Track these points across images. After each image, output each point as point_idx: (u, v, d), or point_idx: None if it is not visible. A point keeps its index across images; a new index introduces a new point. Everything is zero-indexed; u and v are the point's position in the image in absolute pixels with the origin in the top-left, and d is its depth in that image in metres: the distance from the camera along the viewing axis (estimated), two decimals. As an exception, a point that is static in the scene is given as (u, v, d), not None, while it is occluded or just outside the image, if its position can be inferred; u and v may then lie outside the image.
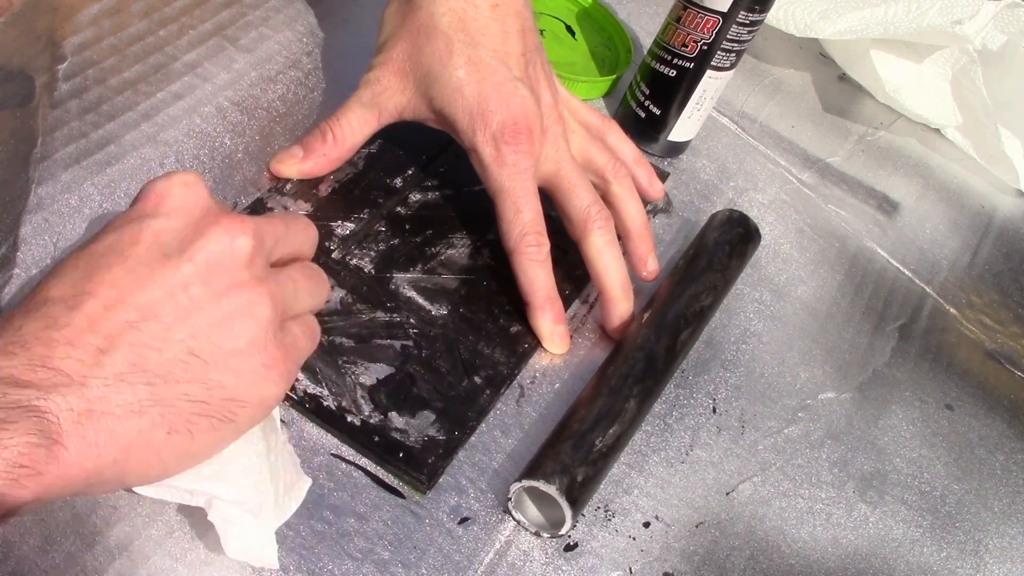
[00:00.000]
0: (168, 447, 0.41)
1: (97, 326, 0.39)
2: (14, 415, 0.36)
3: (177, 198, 0.44)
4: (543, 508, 0.53)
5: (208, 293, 0.42)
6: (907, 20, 0.85)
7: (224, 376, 0.42)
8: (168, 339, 0.41)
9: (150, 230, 0.42)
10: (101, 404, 0.38)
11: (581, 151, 0.65)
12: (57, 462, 0.37)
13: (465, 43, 0.59)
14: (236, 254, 0.43)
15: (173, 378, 0.40)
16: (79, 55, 0.64)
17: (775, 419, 0.65)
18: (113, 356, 0.39)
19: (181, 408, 0.41)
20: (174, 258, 0.42)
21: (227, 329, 0.42)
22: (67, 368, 0.38)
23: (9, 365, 0.37)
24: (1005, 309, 0.82)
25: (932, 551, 0.62)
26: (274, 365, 0.44)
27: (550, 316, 0.60)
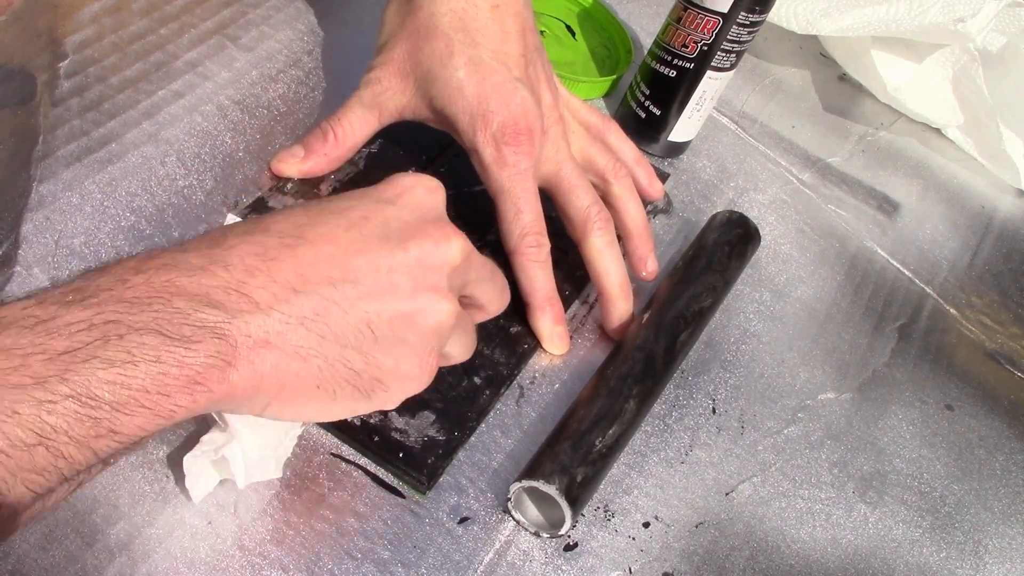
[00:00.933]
0: (312, 398, 0.44)
1: (301, 269, 0.42)
2: (200, 334, 0.38)
3: (417, 196, 0.48)
4: (543, 508, 0.53)
5: (408, 285, 0.45)
6: (909, 18, 0.85)
7: (384, 359, 0.45)
8: (356, 306, 0.43)
9: (383, 214, 0.46)
10: (277, 338, 0.41)
11: (581, 151, 0.65)
12: (226, 383, 0.39)
13: (465, 43, 0.59)
14: (444, 261, 0.46)
15: (343, 341, 0.43)
16: (80, 53, 0.64)
17: (775, 419, 0.65)
18: (303, 299, 0.42)
19: (337, 369, 0.44)
20: (392, 243, 0.45)
21: (408, 322, 0.45)
22: (258, 297, 0.41)
23: (208, 284, 0.40)
24: (1005, 310, 0.82)
25: (932, 551, 0.62)
26: (426, 371, 0.47)
27: (550, 317, 0.60)
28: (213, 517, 0.48)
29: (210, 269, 0.40)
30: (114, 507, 0.46)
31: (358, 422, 0.53)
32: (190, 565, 0.46)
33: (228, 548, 0.47)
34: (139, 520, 0.47)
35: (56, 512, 0.45)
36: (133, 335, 0.37)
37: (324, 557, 0.48)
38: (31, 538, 0.44)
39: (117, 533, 0.46)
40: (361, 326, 0.44)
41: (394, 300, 0.44)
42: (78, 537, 0.45)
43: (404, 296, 0.45)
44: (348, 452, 0.53)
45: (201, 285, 0.40)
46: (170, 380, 0.37)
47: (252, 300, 0.40)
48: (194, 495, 0.48)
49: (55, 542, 0.45)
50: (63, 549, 0.44)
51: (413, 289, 0.45)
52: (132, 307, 0.38)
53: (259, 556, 0.47)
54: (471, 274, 0.49)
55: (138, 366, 0.37)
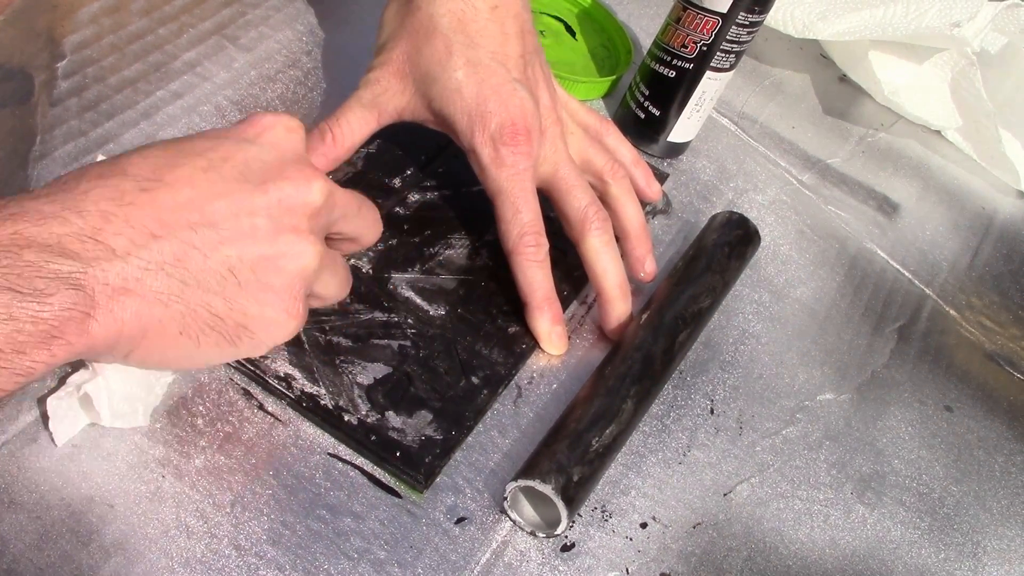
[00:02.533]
0: (175, 345, 0.43)
1: (160, 214, 0.41)
2: (53, 286, 0.38)
3: (277, 135, 0.47)
4: (539, 508, 0.53)
5: (269, 227, 0.44)
6: (905, 22, 0.85)
7: (248, 304, 0.45)
8: (217, 251, 0.43)
9: (242, 154, 0.45)
10: (136, 285, 0.41)
11: (579, 152, 0.65)
12: (86, 335, 0.39)
13: (464, 44, 0.59)
14: (306, 202, 0.46)
15: (205, 286, 0.43)
16: (78, 53, 0.64)
17: (773, 420, 0.64)
18: (162, 244, 0.41)
19: (200, 315, 0.43)
20: (252, 185, 0.44)
21: (271, 265, 0.45)
22: (115, 244, 0.40)
23: (61, 232, 0.39)
24: (1005, 311, 0.82)
25: (930, 552, 0.62)
26: (293, 315, 0.47)
27: (548, 317, 0.60)
28: (209, 516, 0.48)
29: (62, 216, 0.39)
30: (110, 507, 0.46)
31: (355, 421, 0.53)
32: (186, 565, 0.46)
33: (224, 548, 0.47)
34: (135, 520, 0.46)
35: (51, 512, 0.45)
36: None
37: (320, 557, 0.48)
38: (26, 538, 0.44)
39: (112, 533, 0.46)
40: (223, 271, 0.43)
41: (255, 244, 0.44)
42: (73, 537, 0.45)
43: (265, 239, 0.44)
44: (345, 452, 0.53)
45: (53, 234, 0.39)
46: (24, 337, 0.37)
47: (108, 247, 0.40)
48: (57, 438, 0.48)
49: (50, 542, 0.45)
50: (58, 549, 0.44)
51: (274, 232, 0.45)
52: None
53: (255, 556, 0.47)
54: (335, 213, 0.49)
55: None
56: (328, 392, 0.53)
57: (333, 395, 0.53)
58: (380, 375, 0.55)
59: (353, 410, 0.53)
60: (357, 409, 0.53)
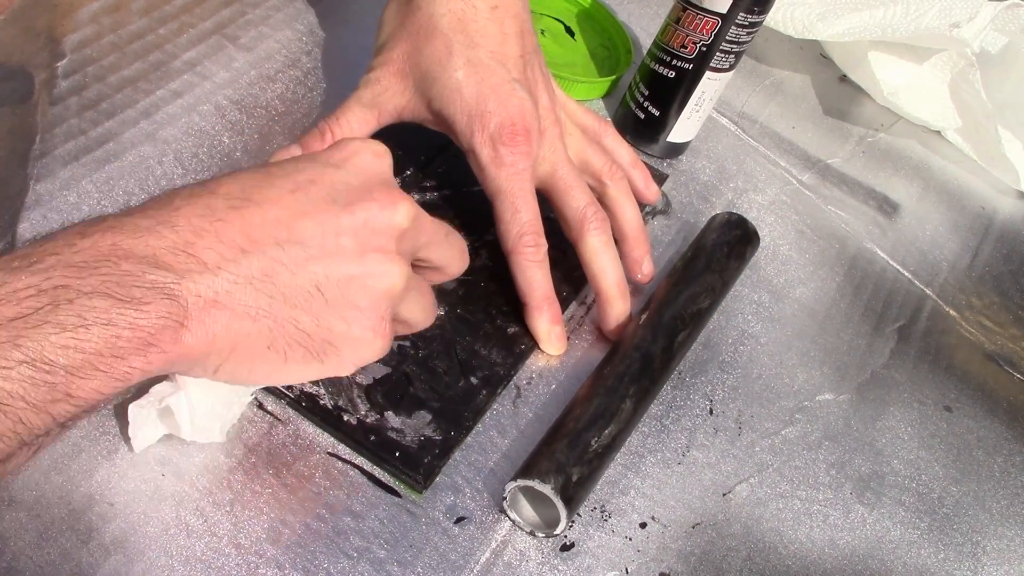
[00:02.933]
0: (263, 359, 0.44)
1: (249, 230, 0.42)
2: (150, 296, 0.39)
3: (364, 160, 0.48)
4: (538, 508, 0.53)
5: (355, 247, 0.45)
6: (905, 23, 0.85)
7: (335, 321, 0.45)
8: (304, 268, 0.44)
9: (329, 177, 0.46)
10: (226, 298, 0.41)
11: (578, 153, 0.65)
12: (179, 344, 0.40)
13: (464, 44, 0.59)
14: (391, 224, 0.46)
15: (293, 302, 0.44)
16: (78, 52, 0.64)
17: (772, 420, 0.64)
18: (251, 259, 0.42)
19: (287, 331, 0.44)
20: (338, 206, 0.45)
21: (357, 284, 0.45)
22: (206, 258, 0.41)
23: (156, 245, 0.40)
24: (1005, 311, 0.82)
25: (929, 553, 0.62)
26: (379, 334, 0.47)
27: (547, 317, 0.60)
28: (209, 515, 0.48)
29: (157, 231, 0.40)
30: (110, 505, 0.47)
31: (354, 421, 0.53)
32: (186, 563, 0.46)
33: (224, 546, 0.47)
34: (135, 518, 0.47)
35: (51, 510, 0.45)
36: (83, 299, 0.37)
37: (320, 556, 0.48)
38: (26, 536, 0.44)
39: (112, 531, 0.46)
40: (310, 287, 0.44)
41: (342, 262, 0.45)
42: (73, 535, 0.45)
43: (352, 258, 0.45)
44: (344, 451, 0.53)
45: (148, 246, 0.40)
46: (123, 342, 0.38)
47: (200, 260, 0.41)
48: (135, 444, 0.48)
49: (50, 540, 0.45)
50: (58, 547, 0.45)
51: (360, 251, 0.45)
52: (80, 271, 0.38)
53: (255, 555, 0.47)
54: (422, 238, 0.49)
55: (90, 329, 0.37)
56: (327, 392, 0.54)
57: (332, 395, 0.53)
58: (379, 375, 0.55)
59: (352, 410, 0.53)
60: (356, 409, 0.53)
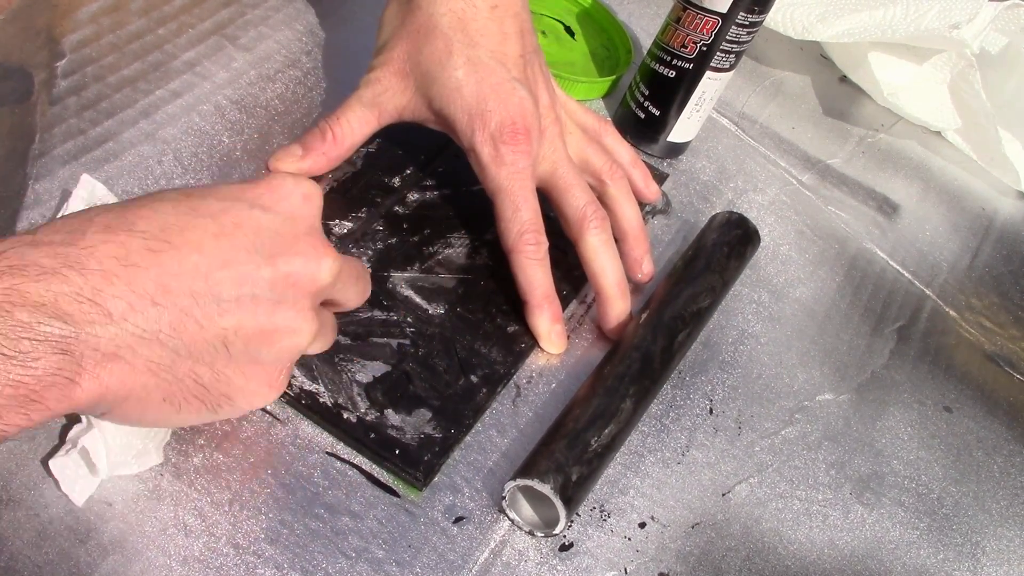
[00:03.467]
0: (156, 410, 0.43)
1: (164, 279, 0.40)
2: (41, 350, 0.37)
3: (293, 204, 0.46)
4: (537, 507, 0.53)
5: (270, 300, 0.43)
6: (905, 24, 0.85)
7: (235, 376, 0.44)
8: (215, 323, 0.42)
9: (255, 222, 0.44)
10: (127, 352, 0.39)
11: (578, 152, 0.65)
12: (66, 400, 0.38)
13: (464, 44, 0.59)
14: (313, 280, 0.45)
15: (196, 356, 0.42)
16: (78, 52, 0.64)
17: (772, 420, 0.64)
18: (162, 313, 0.40)
19: (186, 385, 0.42)
20: (261, 257, 0.43)
21: (264, 339, 0.44)
22: (112, 307, 0.39)
23: (58, 291, 0.37)
24: (1005, 312, 0.82)
25: (929, 553, 0.62)
26: (275, 385, 0.46)
27: (548, 315, 0.60)
28: (207, 514, 0.48)
29: (62, 273, 0.38)
30: (108, 504, 0.46)
31: (354, 419, 0.53)
32: (184, 563, 0.46)
33: (222, 546, 0.47)
34: (133, 518, 0.46)
35: (50, 509, 0.45)
36: None
37: (318, 556, 0.48)
38: (24, 535, 0.44)
39: (111, 531, 0.46)
40: (217, 343, 0.42)
41: (254, 317, 0.43)
42: (72, 534, 0.45)
43: (264, 313, 0.43)
44: (343, 451, 0.53)
45: (50, 292, 0.37)
46: (3, 400, 0.36)
47: (105, 310, 0.38)
48: (75, 498, 0.46)
49: (48, 539, 0.45)
50: (56, 546, 0.44)
51: (274, 305, 0.44)
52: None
53: (253, 555, 0.47)
54: (338, 285, 0.47)
55: None
56: (327, 390, 0.53)
57: (332, 393, 0.53)
58: (379, 373, 0.55)
59: (352, 408, 0.53)
60: (356, 407, 0.53)
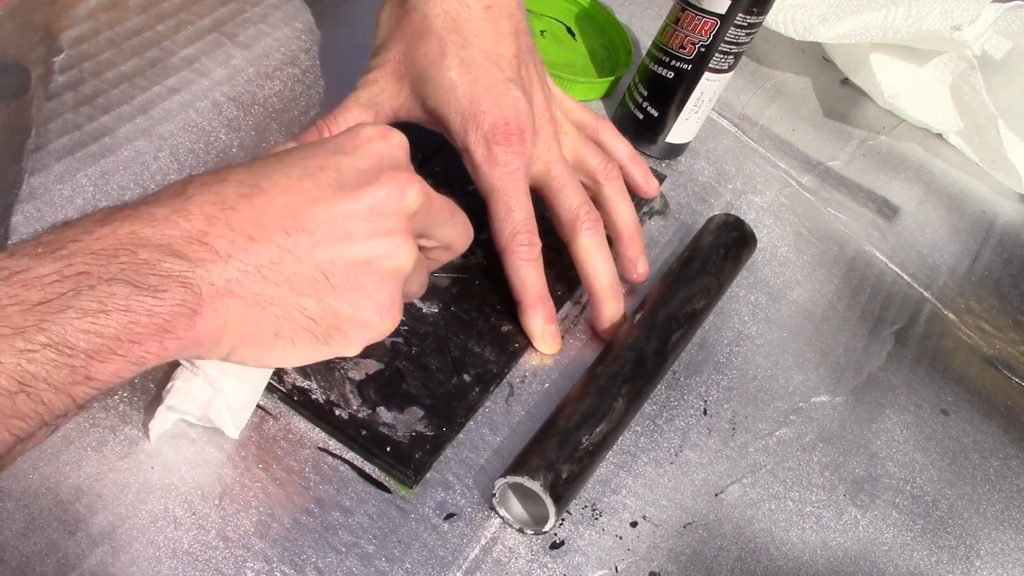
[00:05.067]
0: (271, 346, 0.45)
1: (257, 218, 0.43)
2: (166, 283, 0.40)
3: (376, 148, 0.48)
4: (528, 505, 0.53)
5: (364, 231, 0.46)
6: (906, 25, 0.85)
7: (341, 305, 0.46)
8: (310, 255, 0.44)
9: (337, 163, 0.46)
10: (237, 287, 0.42)
11: (573, 152, 0.65)
12: (193, 330, 0.41)
13: (458, 44, 0.60)
14: (401, 205, 0.47)
15: (299, 288, 0.44)
16: (76, 48, 0.64)
17: (766, 421, 0.64)
18: (260, 248, 0.43)
19: (294, 317, 0.45)
20: (346, 192, 0.45)
21: (363, 268, 0.46)
22: (218, 246, 0.42)
23: (171, 234, 0.41)
24: (1004, 315, 0.81)
25: (923, 556, 0.62)
26: (387, 313, 0.48)
27: (541, 315, 0.60)
28: (197, 508, 0.48)
29: (172, 219, 0.41)
30: (98, 496, 0.47)
31: (346, 416, 0.53)
32: (173, 555, 0.46)
33: (211, 539, 0.47)
34: (122, 510, 0.47)
35: (39, 500, 0.46)
36: (103, 286, 0.38)
37: (308, 550, 0.48)
38: (13, 526, 0.44)
39: (100, 522, 0.46)
40: (316, 274, 0.45)
41: (349, 247, 0.45)
42: (60, 525, 0.45)
43: (358, 243, 0.45)
44: (335, 446, 0.53)
45: (164, 235, 0.41)
46: (140, 328, 0.39)
47: (213, 249, 0.42)
48: (153, 436, 0.50)
49: (37, 530, 0.45)
50: (45, 537, 0.45)
51: (368, 236, 0.46)
52: (100, 258, 0.39)
53: (242, 548, 0.47)
54: (431, 216, 0.49)
55: (110, 315, 0.38)
56: (319, 387, 0.54)
57: (324, 390, 0.54)
58: (372, 371, 0.55)
59: (344, 405, 0.53)
60: (348, 404, 0.53)
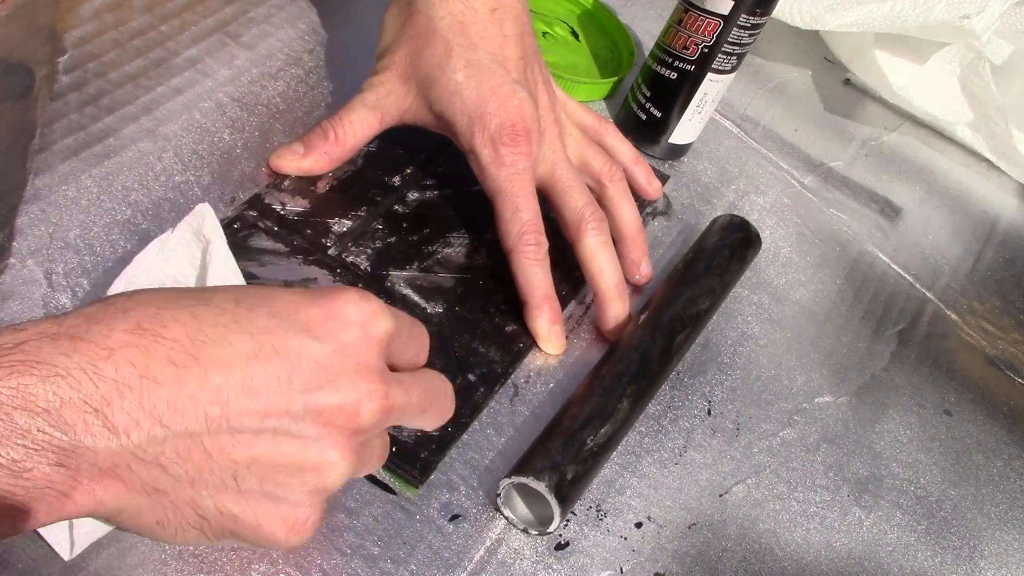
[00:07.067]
0: (149, 530, 0.39)
1: (178, 400, 0.37)
2: (35, 459, 0.34)
3: (349, 336, 0.41)
4: (532, 505, 0.53)
5: (297, 435, 0.39)
6: (914, 14, 0.84)
7: (243, 512, 0.39)
8: (225, 455, 0.38)
9: (298, 349, 0.39)
10: (124, 472, 0.37)
11: (577, 154, 0.65)
12: (57, 513, 0.36)
13: (464, 46, 0.60)
14: (350, 421, 0.40)
15: (199, 485, 0.38)
16: (80, 48, 0.64)
17: (770, 422, 0.64)
18: (168, 438, 0.37)
19: (183, 513, 0.39)
20: (292, 389, 0.39)
21: (283, 477, 0.39)
22: (118, 421, 0.36)
23: (65, 396, 0.35)
24: (1007, 315, 0.81)
25: (927, 556, 0.62)
26: (296, 531, 0.40)
27: (547, 316, 0.60)
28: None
29: (75, 376, 0.35)
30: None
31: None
32: (178, 558, 0.46)
33: (217, 541, 0.47)
34: (128, 512, 0.47)
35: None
36: None
37: (313, 552, 0.48)
38: (19, 528, 0.44)
39: (105, 524, 0.46)
40: (225, 476, 0.38)
41: (274, 450, 0.39)
42: (66, 528, 0.45)
43: (287, 447, 0.39)
44: (339, 448, 0.53)
45: (56, 396, 0.35)
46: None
47: (110, 423, 0.36)
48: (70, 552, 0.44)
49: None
50: (51, 539, 0.45)
51: (301, 442, 0.39)
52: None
53: (248, 550, 0.47)
54: (390, 422, 0.42)
55: None
56: (324, 388, 0.53)
57: (329, 391, 0.53)
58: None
59: (348, 406, 0.53)
60: (352, 405, 0.53)
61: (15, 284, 0.52)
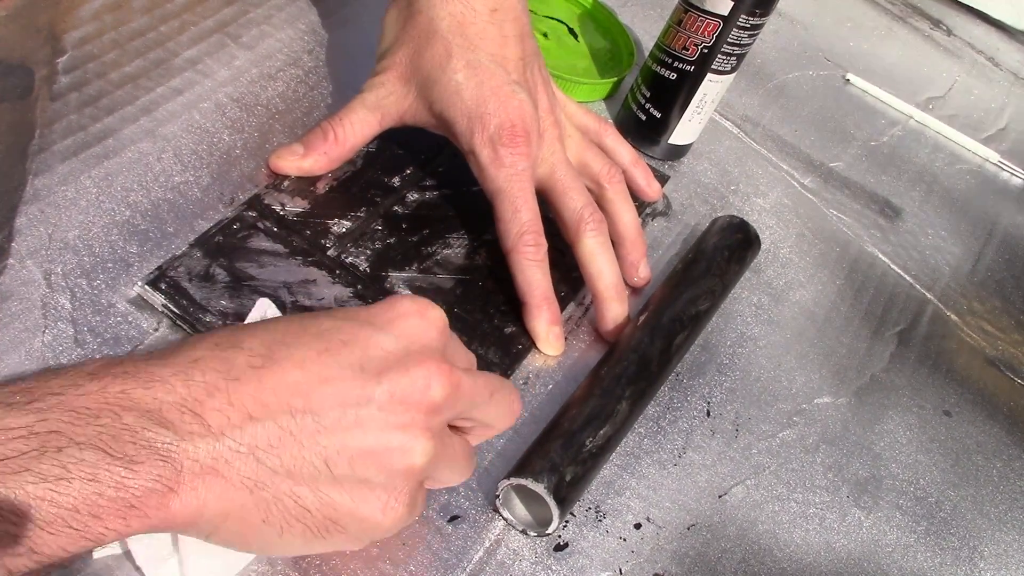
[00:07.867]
0: (256, 532, 0.41)
1: (262, 395, 0.40)
2: (143, 455, 0.37)
3: (410, 326, 0.44)
4: (531, 507, 0.53)
5: (378, 420, 0.42)
6: None
7: (341, 499, 0.42)
8: (314, 441, 0.41)
9: (365, 340, 0.43)
10: (224, 467, 0.39)
11: (577, 155, 0.65)
12: (164, 509, 0.38)
13: (464, 47, 0.60)
14: (424, 397, 0.42)
15: (296, 475, 0.40)
16: (80, 49, 0.64)
17: (770, 423, 0.64)
18: (258, 428, 0.40)
19: (286, 505, 0.41)
20: (366, 375, 0.42)
21: (371, 461, 0.42)
22: (211, 420, 0.39)
23: (163, 399, 0.38)
24: (1007, 316, 0.81)
25: (926, 557, 0.62)
26: (391, 511, 0.43)
27: (546, 317, 0.60)
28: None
29: (169, 382, 0.39)
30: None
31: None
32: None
33: (215, 543, 0.47)
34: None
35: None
36: (72, 449, 0.35)
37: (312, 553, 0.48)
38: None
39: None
40: (317, 462, 0.41)
41: (358, 437, 0.41)
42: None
43: (371, 433, 0.41)
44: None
45: (155, 400, 0.38)
46: (104, 502, 0.36)
47: (205, 422, 0.39)
48: None
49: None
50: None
51: (382, 426, 0.42)
52: (78, 417, 0.36)
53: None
54: (460, 404, 0.45)
55: (72, 483, 0.35)
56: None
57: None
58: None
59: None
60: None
61: (14, 285, 0.52)
